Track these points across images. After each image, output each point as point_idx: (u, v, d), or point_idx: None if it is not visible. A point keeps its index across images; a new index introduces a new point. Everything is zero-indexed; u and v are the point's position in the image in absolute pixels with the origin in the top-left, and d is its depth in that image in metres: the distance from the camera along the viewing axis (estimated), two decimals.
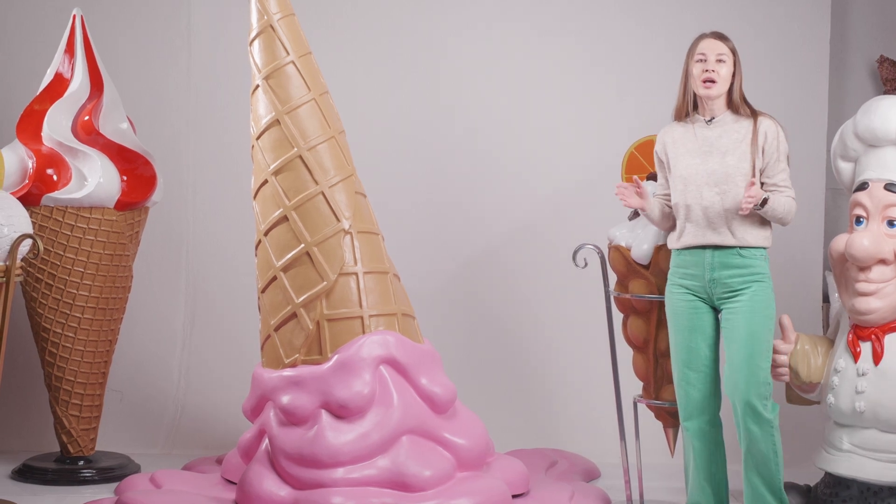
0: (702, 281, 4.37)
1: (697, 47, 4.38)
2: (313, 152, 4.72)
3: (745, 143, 4.33)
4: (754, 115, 4.38)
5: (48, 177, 5.14)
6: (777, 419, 4.35)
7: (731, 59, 4.35)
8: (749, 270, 4.33)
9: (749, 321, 4.30)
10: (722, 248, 4.34)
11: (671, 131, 4.48)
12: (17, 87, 5.84)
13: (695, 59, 4.36)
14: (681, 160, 4.40)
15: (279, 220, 4.72)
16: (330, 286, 4.65)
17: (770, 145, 4.33)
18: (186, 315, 6.03)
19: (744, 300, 4.32)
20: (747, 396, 4.29)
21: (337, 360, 4.59)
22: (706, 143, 4.36)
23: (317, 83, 4.83)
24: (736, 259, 4.33)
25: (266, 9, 4.80)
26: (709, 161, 4.34)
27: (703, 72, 4.33)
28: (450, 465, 4.63)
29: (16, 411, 5.81)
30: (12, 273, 4.40)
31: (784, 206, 4.33)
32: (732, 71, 4.36)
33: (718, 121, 4.38)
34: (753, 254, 4.35)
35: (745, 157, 4.32)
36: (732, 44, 4.38)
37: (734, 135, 4.35)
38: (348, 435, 4.51)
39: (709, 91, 4.34)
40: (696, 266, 4.37)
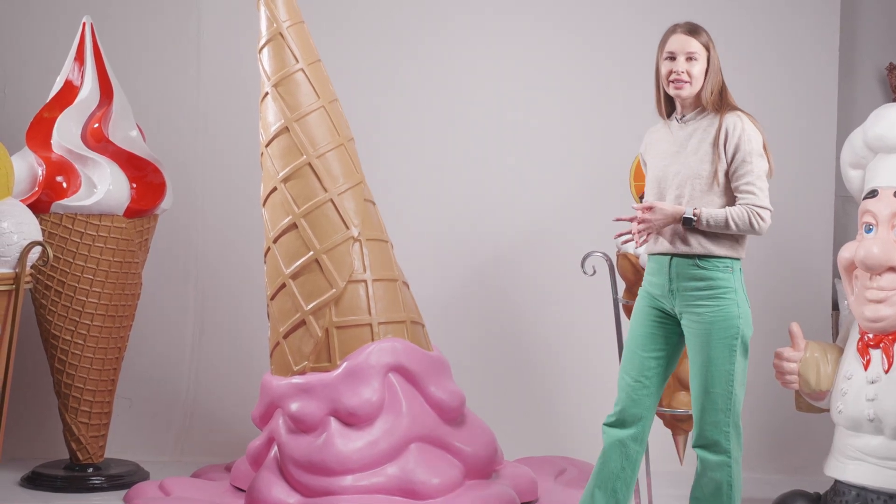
0: (664, 290, 4.01)
1: (667, 43, 4.04)
2: (322, 160, 4.73)
3: (707, 143, 3.97)
4: (722, 111, 4.00)
5: (58, 184, 5.15)
6: (739, 451, 3.98)
7: (703, 56, 4.01)
8: (709, 283, 3.92)
9: (705, 343, 3.92)
10: (681, 257, 3.96)
11: (654, 131, 4.16)
12: (27, 95, 5.85)
13: (663, 56, 4.03)
14: (653, 162, 4.09)
15: (288, 228, 4.72)
16: (339, 293, 4.65)
17: (731, 143, 3.94)
18: (195, 322, 6.04)
19: (700, 317, 3.93)
20: (701, 424, 3.96)
21: (346, 367, 4.59)
22: (677, 144, 4.03)
23: (326, 91, 4.84)
24: (694, 269, 3.94)
25: (276, 16, 4.81)
26: (675, 163, 4.00)
27: (671, 72, 4.00)
28: (458, 472, 4.63)
29: (25, 418, 5.81)
30: (22, 280, 4.40)
31: (728, 218, 3.89)
32: (706, 68, 4.01)
33: (689, 119, 4.04)
34: (715, 265, 3.93)
35: (706, 157, 3.95)
36: (706, 37, 4.04)
37: (701, 134, 3.99)
38: (357, 442, 4.51)
39: (679, 92, 4.00)
40: (660, 274, 4.02)
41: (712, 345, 3.91)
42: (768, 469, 5.66)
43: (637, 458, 4.13)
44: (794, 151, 5.88)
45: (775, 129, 5.89)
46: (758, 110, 5.86)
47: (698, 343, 3.94)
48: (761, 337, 5.70)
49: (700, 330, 3.93)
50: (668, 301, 4.01)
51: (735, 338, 3.92)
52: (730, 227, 3.89)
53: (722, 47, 5.85)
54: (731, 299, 3.92)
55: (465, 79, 5.96)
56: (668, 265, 3.98)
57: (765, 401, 5.74)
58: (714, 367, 3.91)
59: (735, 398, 3.94)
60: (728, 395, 3.93)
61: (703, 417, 3.95)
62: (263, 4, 4.83)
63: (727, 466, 3.97)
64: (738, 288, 3.95)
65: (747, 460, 5.69)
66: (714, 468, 3.97)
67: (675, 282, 3.97)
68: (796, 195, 5.87)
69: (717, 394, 3.92)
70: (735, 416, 3.96)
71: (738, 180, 3.94)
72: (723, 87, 4.06)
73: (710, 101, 4.00)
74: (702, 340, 3.92)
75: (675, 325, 4.04)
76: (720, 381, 3.92)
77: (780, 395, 5.42)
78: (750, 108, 5.87)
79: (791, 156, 5.88)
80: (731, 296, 3.93)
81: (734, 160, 3.94)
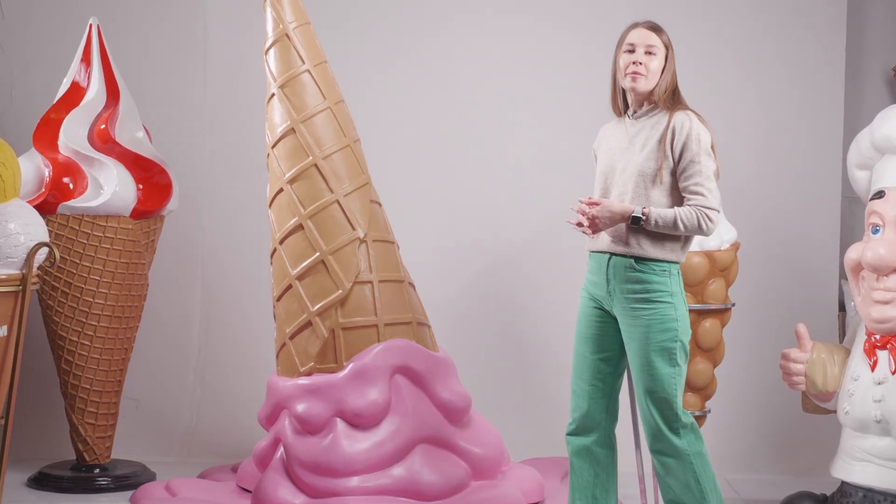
0: (603, 291, 3.96)
1: (627, 36, 4.00)
2: (329, 161, 4.73)
3: (653, 140, 3.91)
4: (672, 110, 3.93)
5: (64, 185, 5.15)
6: (698, 444, 3.93)
7: (662, 53, 3.96)
8: (645, 287, 3.87)
9: (643, 347, 3.87)
10: (619, 257, 3.90)
11: (608, 127, 4.12)
12: (34, 96, 5.86)
13: (623, 49, 3.99)
14: (603, 157, 4.04)
15: (294, 229, 4.72)
16: (345, 294, 4.65)
17: (678, 143, 3.87)
18: (202, 323, 6.04)
19: (636, 321, 3.89)
20: (653, 431, 3.92)
21: (352, 368, 4.59)
22: (625, 140, 3.97)
23: (332, 92, 4.84)
24: (630, 272, 3.89)
25: (282, 17, 4.81)
26: (623, 159, 3.95)
27: (630, 63, 3.94)
28: (465, 473, 4.63)
29: (32, 419, 5.82)
30: (29, 281, 4.41)
31: (677, 219, 3.83)
32: (663, 65, 3.96)
33: (640, 115, 3.99)
34: (652, 268, 3.87)
35: (652, 155, 3.89)
36: (667, 37, 4.00)
37: (649, 131, 3.93)
38: (363, 443, 4.51)
39: (634, 84, 3.93)
40: (599, 273, 3.97)
41: (651, 349, 3.87)
42: (775, 470, 5.66)
43: (609, 461, 4.11)
44: (801, 152, 5.88)
45: (782, 131, 5.91)
46: (764, 111, 5.91)
47: (637, 347, 3.89)
48: (767, 338, 5.72)
49: (637, 334, 3.88)
50: (606, 301, 3.97)
51: (674, 341, 3.87)
52: (678, 228, 3.83)
53: (728, 49, 5.90)
54: (667, 303, 3.88)
55: (470, 80, 5.96)
56: (606, 264, 3.94)
57: (771, 402, 5.74)
58: (656, 371, 3.88)
59: (678, 398, 3.91)
60: (672, 396, 3.89)
61: (653, 422, 3.91)
62: (269, 5, 4.83)
63: (688, 464, 3.91)
64: (677, 292, 3.90)
65: (753, 461, 5.71)
66: (675, 469, 3.93)
67: (611, 282, 3.93)
68: (803, 196, 5.87)
69: (661, 398, 3.89)
70: (682, 414, 3.91)
71: (687, 180, 3.87)
72: (676, 87, 4.00)
73: (662, 97, 3.95)
74: (640, 344, 3.88)
75: (617, 324, 3.99)
76: (663, 385, 3.88)
77: (786, 397, 5.42)
78: (757, 109, 5.91)
79: (797, 157, 5.88)
80: (668, 300, 3.88)
81: (682, 159, 3.88)
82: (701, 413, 4.78)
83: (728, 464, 5.69)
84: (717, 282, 4.71)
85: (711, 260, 4.68)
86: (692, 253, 4.65)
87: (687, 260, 4.63)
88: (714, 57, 5.89)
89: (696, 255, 4.66)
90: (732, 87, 5.89)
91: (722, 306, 4.72)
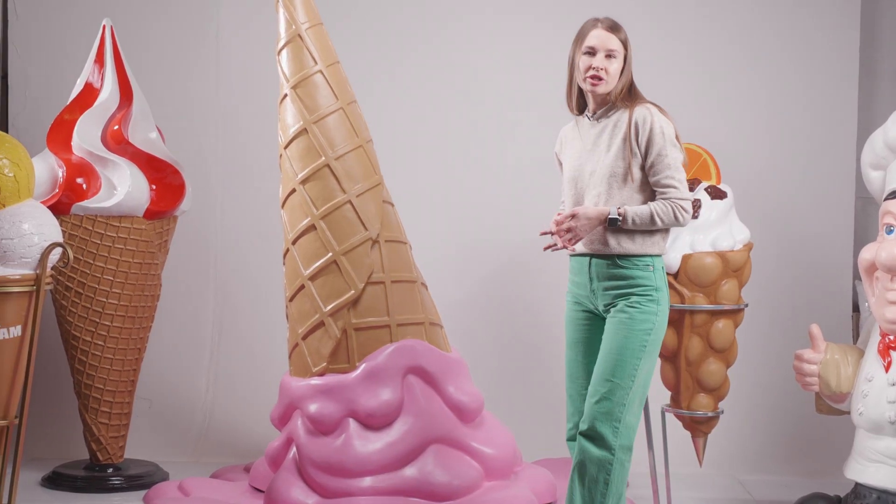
0: (587, 291, 3.96)
1: (587, 38, 3.92)
2: (341, 161, 4.73)
3: (618, 138, 3.88)
4: (631, 106, 3.90)
5: (78, 186, 5.17)
6: (626, 452, 3.83)
7: (622, 54, 3.91)
8: (628, 283, 3.86)
9: (618, 333, 3.83)
10: (601, 257, 3.90)
11: (567, 130, 4.09)
12: (48, 97, 5.88)
13: (582, 50, 3.91)
14: (567, 161, 4.01)
15: (307, 229, 4.73)
16: (357, 295, 4.65)
17: (642, 137, 3.85)
18: (214, 323, 6.05)
19: (621, 314, 3.85)
20: (593, 415, 3.82)
21: (364, 368, 4.59)
22: (589, 142, 3.94)
23: (345, 92, 4.84)
24: (613, 269, 3.88)
25: (294, 18, 4.81)
26: (589, 161, 3.92)
27: (590, 68, 3.88)
28: (477, 474, 4.63)
29: (45, 419, 5.84)
30: (42, 281, 4.42)
31: (654, 214, 3.84)
32: (622, 67, 3.92)
33: (600, 116, 3.95)
34: (635, 263, 3.87)
35: (620, 154, 3.87)
36: (625, 34, 3.94)
37: (612, 130, 3.90)
38: (375, 444, 4.51)
39: (594, 88, 3.90)
40: (581, 274, 3.97)
41: (625, 336, 3.83)
42: (788, 471, 5.65)
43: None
44: (815, 152, 5.87)
45: (795, 131, 5.90)
46: (778, 111, 5.89)
47: (612, 332, 3.85)
48: (780, 339, 5.71)
49: (617, 324, 3.85)
50: (591, 301, 3.97)
51: (649, 333, 3.84)
52: (655, 223, 3.83)
53: (742, 49, 5.89)
54: (652, 297, 3.86)
55: (484, 80, 5.96)
56: (588, 266, 3.94)
57: (784, 403, 5.73)
58: (622, 357, 3.82)
59: (633, 395, 3.83)
60: (627, 389, 3.82)
61: (596, 406, 3.82)
62: (282, 6, 4.84)
63: (608, 464, 3.83)
64: (661, 286, 3.90)
65: (766, 462, 5.70)
66: (593, 462, 3.83)
67: (595, 282, 3.92)
68: (816, 196, 5.85)
69: (616, 384, 3.81)
70: (629, 413, 3.83)
71: (657, 175, 3.86)
72: (632, 84, 3.96)
73: (618, 96, 3.91)
74: (616, 330, 3.84)
75: (603, 324, 3.96)
76: (624, 373, 3.81)
77: (799, 398, 5.41)
78: (771, 108, 5.90)
79: (811, 157, 5.87)
80: (653, 294, 3.87)
81: (648, 154, 3.85)
82: (714, 414, 4.77)
83: (741, 465, 5.68)
84: (730, 282, 4.70)
85: (724, 260, 4.67)
86: (705, 253, 4.64)
87: (700, 260, 4.62)
88: (727, 57, 5.88)
89: (709, 255, 4.65)
90: (746, 87, 5.88)
91: (735, 307, 4.71)
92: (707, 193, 4.72)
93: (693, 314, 4.66)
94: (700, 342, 4.71)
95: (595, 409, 3.82)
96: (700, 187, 4.75)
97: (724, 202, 4.73)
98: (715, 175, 4.82)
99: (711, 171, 4.82)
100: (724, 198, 4.74)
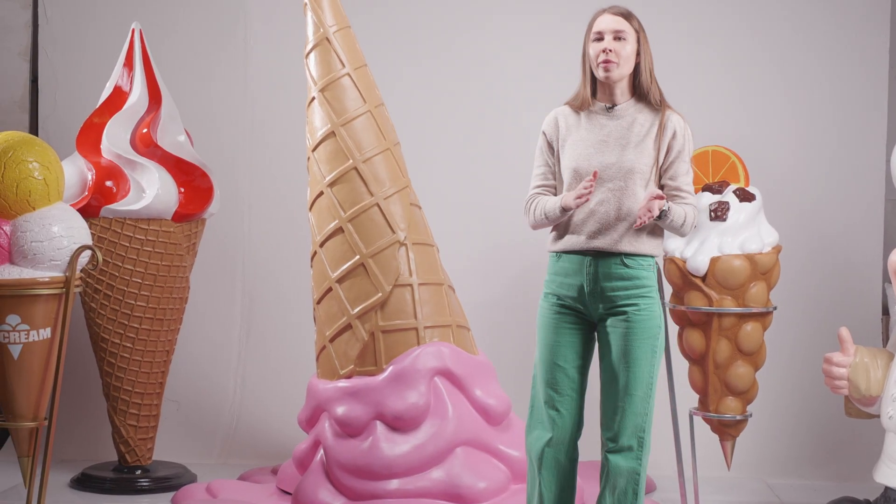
0: (580, 292, 3.79)
1: (594, 25, 3.81)
2: (369, 164, 4.74)
3: (649, 137, 3.77)
4: (663, 108, 3.81)
5: (107, 189, 5.19)
6: (647, 458, 3.79)
7: (633, 38, 3.78)
8: (634, 283, 3.75)
9: (628, 344, 3.73)
10: (605, 256, 3.76)
11: (567, 115, 3.89)
12: (77, 101, 5.91)
13: (591, 38, 3.80)
14: (573, 150, 3.82)
15: (335, 232, 4.74)
16: (385, 297, 4.66)
17: (677, 142, 3.78)
18: (242, 326, 6.07)
19: (625, 318, 3.75)
20: (620, 429, 3.76)
21: (392, 371, 4.60)
22: (604, 133, 3.80)
23: (372, 95, 4.84)
24: (620, 269, 3.75)
25: (322, 21, 4.82)
26: (605, 153, 3.77)
27: (601, 52, 3.76)
28: (504, 476, 4.62)
29: (75, 420, 5.87)
30: (72, 284, 4.44)
31: (684, 218, 3.79)
32: (636, 49, 3.79)
33: (620, 109, 3.82)
34: (640, 263, 3.76)
35: (646, 152, 3.77)
36: (638, 23, 3.81)
37: (637, 126, 3.79)
38: (403, 446, 4.52)
39: (608, 73, 3.77)
40: (576, 275, 3.79)
41: (637, 345, 3.74)
42: (817, 475, 5.62)
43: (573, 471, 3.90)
44: (844, 154, 5.83)
45: (824, 132, 5.87)
46: (807, 113, 5.87)
47: (622, 344, 3.75)
48: (809, 341, 5.68)
49: (625, 331, 3.75)
50: (584, 304, 3.81)
51: (656, 338, 3.77)
52: (682, 226, 3.79)
53: (770, 50, 5.86)
54: (654, 298, 3.79)
55: (509, 84, 5.96)
56: (588, 264, 3.78)
57: (813, 406, 5.70)
58: (638, 369, 3.74)
59: (651, 400, 3.78)
60: (647, 398, 3.77)
61: (623, 421, 3.76)
62: (310, 9, 4.85)
63: (636, 475, 3.79)
64: (658, 287, 3.84)
65: (795, 466, 5.67)
66: (622, 475, 3.77)
67: (597, 282, 3.77)
68: (846, 199, 5.82)
69: (638, 396, 3.75)
70: (649, 419, 3.79)
71: (678, 179, 3.81)
72: (655, 80, 3.86)
73: (650, 90, 3.81)
74: (625, 341, 3.74)
75: (588, 330, 3.86)
76: (642, 384, 3.75)
77: (828, 401, 5.38)
78: (800, 109, 5.87)
79: (841, 158, 5.84)
80: (654, 295, 3.79)
81: (677, 159, 3.80)
82: (742, 417, 4.75)
83: (769, 468, 5.65)
84: (758, 285, 4.68)
85: (753, 263, 4.65)
86: (733, 256, 4.62)
87: (728, 263, 4.60)
88: (755, 59, 5.86)
89: (737, 258, 4.63)
90: (774, 89, 5.86)
91: (763, 310, 4.69)
92: (735, 196, 4.70)
93: (721, 317, 4.64)
94: (728, 345, 4.69)
95: (621, 424, 3.77)
96: (728, 190, 4.73)
97: (753, 204, 4.71)
98: (743, 177, 4.80)
99: (740, 173, 4.80)
100: (752, 200, 4.71)
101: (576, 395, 3.86)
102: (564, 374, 3.85)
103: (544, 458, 3.87)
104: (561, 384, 3.86)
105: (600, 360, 3.85)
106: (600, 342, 3.84)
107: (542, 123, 3.95)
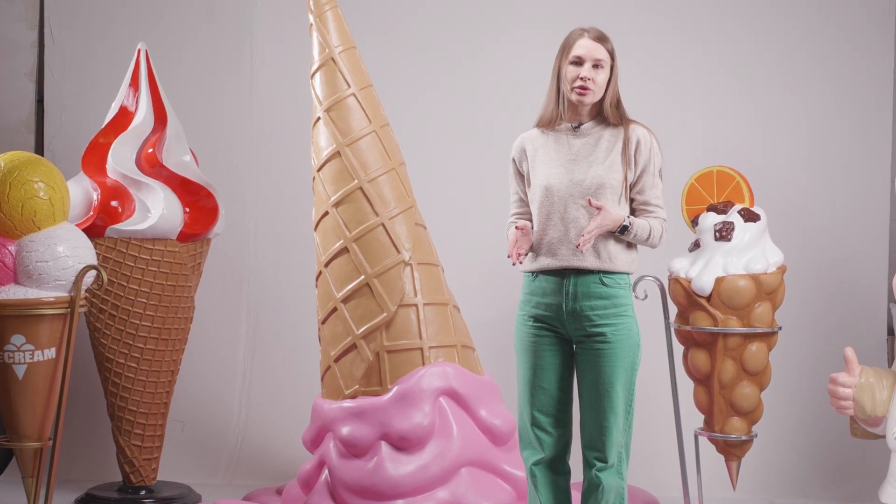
0: (558, 312, 3.80)
1: (574, 48, 3.83)
2: (374, 184, 4.75)
3: (615, 152, 3.82)
4: (626, 122, 3.86)
5: (112, 209, 5.20)
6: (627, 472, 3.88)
7: (609, 65, 3.84)
8: (613, 302, 3.77)
9: (609, 364, 3.76)
10: (583, 273, 3.78)
11: (533, 138, 3.94)
12: (83, 121, 5.93)
13: (569, 60, 3.83)
14: (543, 169, 3.85)
15: (339, 252, 4.74)
16: (390, 317, 4.66)
17: (643, 155, 3.82)
18: (247, 345, 6.07)
19: (604, 338, 3.77)
20: (605, 448, 3.81)
21: (397, 391, 4.59)
22: (572, 152, 3.84)
23: (377, 115, 4.86)
24: (598, 287, 3.76)
25: (328, 42, 4.84)
26: (574, 171, 3.81)
27: (578, 78, 3.81)
28: (509, 497, 4.61)
29: (79, 441, 5.86)
30: (77, 304, 4.45)
31: (649, 231, 3.81)
32: (609, 77, 3.85)
33: (586, 127, 3.87)
34: (617, 281, 3.78)
35: (615, 167, 3.80)
36: (612, 45, 3.86)
37: (604, 143, 3.83)
38: (408, 467, 4.51)
39: (581, 98, 3.82)
40: (554, 294, 3.81)
41: (618, 365, 3.77)
42: (822, 496, 5.60)
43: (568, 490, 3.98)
44: (849, 173, 5.83)
45: (829, 152, 5.87)
46: (812, 133, 5.87)
47: (602, 364, 3.77)
48: (814, 362, 5.67)
49: (604, 350, 3.77)
50: (561, 324, 3.83)
51: (636, 355, 3.81)
52: (649, 239, 3.83)
53: (775, 70, 5.87)
54: (630, 316, 3.81)
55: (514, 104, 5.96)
56: (565, 284, 3.80)
57: (819, 426, 5.68)
58: (619, 387, 3.78)
59: (631, 416, 3.84)
60: (628, 414, 3.82)
61: (606, 441, 3.81)
62: (315, 30, 4.86)
63: (622, 490, 3.85)
64: (633, 305, 3.86)
65: (801, 486, 5.66)
66: (614, 491, 3.83)
67: (575, 301, 3.79)
68: (851, 219, 5.82)
69: (619, 415, 3.80)
70: (630, 435, 3.86)
71: (646, 193, 3.86)
72: (619, 98, 3.91)
73: (610, 111, 3.85)
74: (605, 361, 3.77)
75: (567, 349, 3.87)
76: (623, 402, 3.81)
77: (834, 421, 5.36)
78: (805, 130, 5.87)
79: (845, 179, 5.84)
80: (630, 313, 3.81)
81: (644, 172, 3.85)
82: (748, 437, 4.74)
83: (775, 488, 5.64)
84: (763, 305, 4.68)
85: (758, 283, 4.65)
86: (738, 276, 4.62)
87: (733, 283, 4.60)
88: (761, 79, 5.87)
89: (742, 278, 4.63)
90: (779, 109, 5.86)
91: (769, 329, 4.69)
92: (740, 216, 4.70)
93: (726, 337, 4.64)
94: (733, 365, 4.68)
95: (607, 442, 3.82)
96: (733, 210, 4.73)
97: (758, 224, 4.71)
98: (748, 197, 4.80)
99: (745, 193, 4.80)
100: (757, 220, 4.72)
101: (561, 414, 3.90)
102: (548, 395, 3.89)
103: (538, 477, 3.94)
104: (545, 405, 3.89)
105: (580, 381, 3.87)
106: (580, 363, 3.85)
107: None
